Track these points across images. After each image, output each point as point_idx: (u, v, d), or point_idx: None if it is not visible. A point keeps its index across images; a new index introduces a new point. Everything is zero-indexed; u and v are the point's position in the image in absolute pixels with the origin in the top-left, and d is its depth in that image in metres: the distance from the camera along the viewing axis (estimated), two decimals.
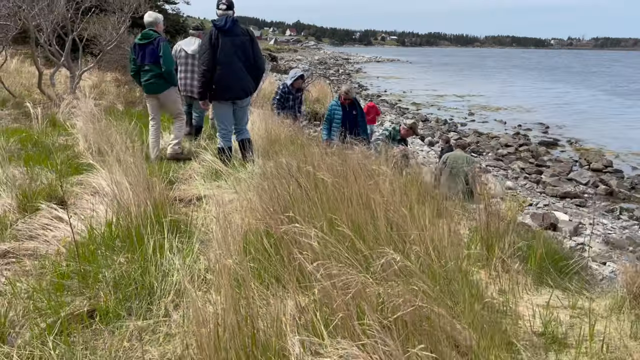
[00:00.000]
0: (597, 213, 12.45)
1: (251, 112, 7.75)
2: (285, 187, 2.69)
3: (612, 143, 21.05)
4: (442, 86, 45.75)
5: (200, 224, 3.93)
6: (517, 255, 2.66)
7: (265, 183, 2.92)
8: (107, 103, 11.12)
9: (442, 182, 7.10)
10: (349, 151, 3.55)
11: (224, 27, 5.31)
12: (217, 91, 5.39)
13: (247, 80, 5.49)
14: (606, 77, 63.28)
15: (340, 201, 2.38)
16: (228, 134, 5.60)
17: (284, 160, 3.42)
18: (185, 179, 5.41)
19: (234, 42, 5.33)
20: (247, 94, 5.58)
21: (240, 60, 5.38)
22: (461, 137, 21.91)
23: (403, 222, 2.24)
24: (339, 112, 7.82)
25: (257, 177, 4.56)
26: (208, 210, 3.92)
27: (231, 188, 4.59)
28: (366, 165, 2.61)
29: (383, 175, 2.84)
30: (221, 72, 5.29)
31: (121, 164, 4.11)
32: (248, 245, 2.43)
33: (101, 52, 11.77)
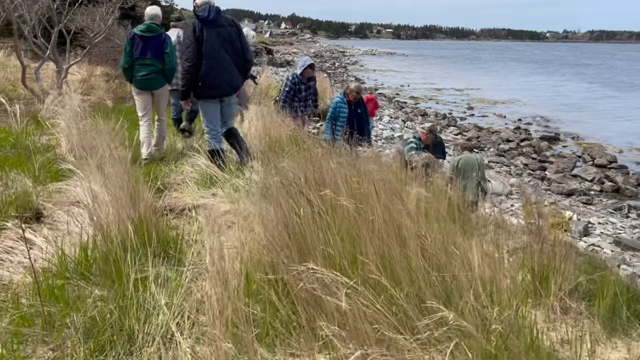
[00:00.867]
0: (604, 211, 12.09)
1: (247, 110, 7.28)
2: (292, 206, 2.24)
3: (613, 138, 20.70)
4: (439, 79, 45.30)
5: (193, 239, 3.45)
6: (577, 292, 2.22)
7: (269, 206, 2.46)
8: (96, 99, 10.60)
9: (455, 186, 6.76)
10: (360, 156, 3.12)
11: (208, 17, 4.85)
12: (204, 89, 4.94)
13: (236, 75, 5.08)
14: (602, 70, 62.99)
15: (361, 226, 1.94)
16: (218, 135, 5.16)
17: (288, 168, 2.95)
18: (177, 184, 4.95)
19: (220, 33, 4.90)
20: (235, 90, 5.19)
21: (228, 53, 4.94)
22: (462, 132, 21.53)
23: (444, 257, 1.81)
24: (345, 110, 7.34)
25: (255, 185, 4.10)
26: (201, 226, 3.45)
27: (227, 197, 4.12)
28: (387, 178, 2.18)
29: (407, 189, 2.41)
30: (208, 68, 4.85)
31: (103, 171, 3.64)
32: (250, 284, 1.98)
33: (88, 45, 11.22)
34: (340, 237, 1.99)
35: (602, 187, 13.93)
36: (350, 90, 7.50)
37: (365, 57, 79.50)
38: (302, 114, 7.99)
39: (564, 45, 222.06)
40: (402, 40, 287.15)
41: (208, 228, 2.47)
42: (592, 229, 10.55)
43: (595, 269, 2.47)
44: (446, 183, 3.23)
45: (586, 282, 2.26)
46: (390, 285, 1.58)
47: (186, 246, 3.36)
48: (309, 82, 8.02)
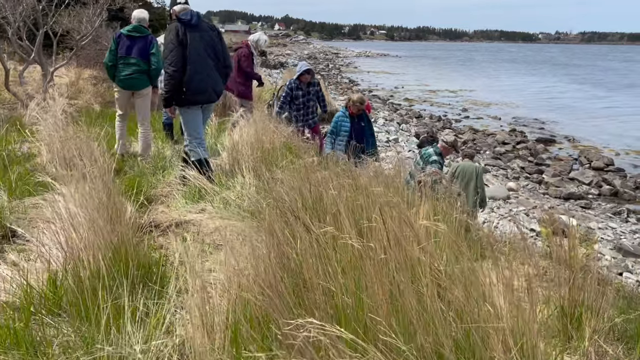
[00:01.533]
0: (604, 216, 11.92)
1: (251, 113, 6.97)
2: (287, 237, 1.97)
3: (609, 140, 20.61)
4: (433, 81, 45.21)
5: (178, 262, 3.17)
6: (612, 332, 1.97)
7: (262, 232, 2.18)
8: (83, 102, 10.29)
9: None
10: (362, 173, 2.86)
11: (191, 21, 4.72)
12: (189, 94, 4.71)
13: (218, 80, 4.93)
14: (594, 71, 63.22)
15: (366, 259, 1.67)
16: (203, 143, 4.94)
17: (283, 189, 2.68)
18: (164, 196, 4.66)
19: (203, 37, 4.77)
20: (218, 97, 5.07)
21: (211, 58, 4.81)
22: (457, 135, 21.35)
23: (462, 294, 1.55)
24: (347, 124, 6.95)
25: (248, 199, 3.82)
26: (188, 246, 3.17)
27: (217, 212, 3.84)
28: (394, 201, 1.91)
29: (415, 210, 2.17)
30: (193, 72, 4.66)
31: (84, 184, 3.35)
32: (237, 334, 1.70)
33: (75, 47, 10.90)
34: (342, 269, 1.73)
35: (600, 191, 13.78)
36: (352, 102, 7.08)
37: (359, 58, 79.40)
38: (303, 122, 7.65)
39: (556, 47, 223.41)
40: (395, 41, 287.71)
41: (193, 255, 2.19)
42: (592, 235, 10.36)
43: (629, 301, 2.22)
44: (455, 200, 3.00)
45: (622, 322, 2.02)
46: (403, 335, 1.33)
47: (171, 269, 3.08)
48: (308, 87, 7.69)
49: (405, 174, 4.93)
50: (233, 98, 8.57)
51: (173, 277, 2.88)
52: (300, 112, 7.61)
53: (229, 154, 5.35)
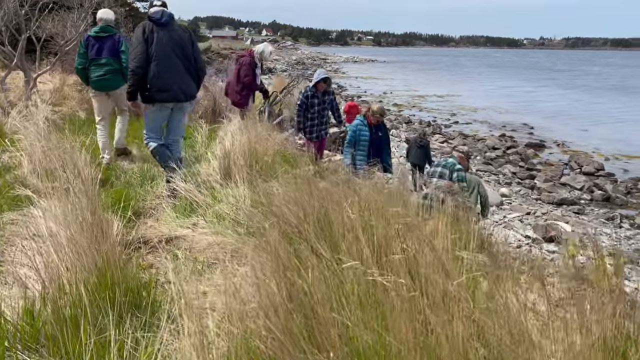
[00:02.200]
0: (597, 222, 11.86)
1: (230, 120, 6.74)
2: (294, 262, 1.76)
3: (598, 144, 20.71)
4: (421, 86, 45.34)
5: (169, 284, 2.93)
6: None
7: (261, 251, 1.95)
8: (68, 110, 9.97)
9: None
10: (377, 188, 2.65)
11: (160, 19, 4.73)
12: (153, 91, 4.70)
13: (188, 81, 4.87)
14: (578, 76, 63.95)
15: (394, 296, 1.46)
16: (157, 138, 4.95)
17: (282, 199, 2.46)
18: (152, 209, 4.41)
19: (171, 37, 4.76)
20: (187, 98, 4.93)
21: (179, 57, 4.79)
22: (447, 140, 21.29)
23: (495, 327, 1.36)
24: (366, 134, 6.68)
25: (243, 212, 3.60)
26: (180, 265, 2.95)
27: (210, 227, 3.61)
28: (414, 223, 1.71)
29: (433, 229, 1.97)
30: (158, 69, 4.66)
31: (67, 199, 3.12)
32: None
33: (59, 52, 10.59)
34: (360, 301, 1.52)
35: (592, 196, 13.75)
36: (372, 112, 6.84)
37: (347, 64, 79.54)
38: (316, 132, 7.36)
39: (540, 52, 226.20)
40: (382, 47, 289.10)
41: (187, 280, 1.97)
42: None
43: None
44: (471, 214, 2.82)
45: None
46: None
47: (162, 292, 2.85)
48: (323, 96, 7.42)
49: (408, 183, 4.72)
50: (229, 105, 8.37)
51: (164, 301, 2.65)
52: (314, 122, 7.33)
53: (221, 163, 5.12)
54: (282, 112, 12.21)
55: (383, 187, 3.09)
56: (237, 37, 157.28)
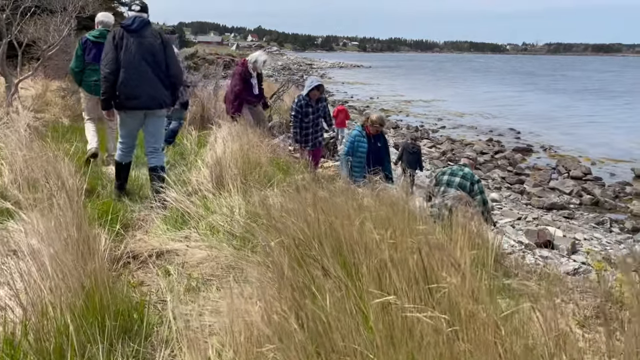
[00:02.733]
0: (588, 226, 11.86)
1: (219, 127, 6.56)
2: (303, 284, 1.59)
3: (584, 148, 20.89)
4: (407, 91, 45.56)
5: (161, 302, 2.77)
6: None
7: (263, 268, 1.77)
8: (51, 116, 9.69)
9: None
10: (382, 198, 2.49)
11: (131, 26, 4.69)
12: (122, 99, 4.70)
13: (158, 88, 4.78)
14: (561, 80, 64.83)
15: (433, 335, 1.30)
16: (129, 149, 4.96)
17: (286, 217, 2.29)
18: (142, 221, 4.20)
19: (142, 43, 4.71)
20: (159, 105, 4.83)
21: (150, 65, 4.72)
22: (435, 145, 21.30)
23: None
24: (364, 145, 6.44)
25: (238, 224, 3.42)
26: (172, 282, 2.76)
27: (204, 240, 3.42)
28: (437, 240, 1.56)
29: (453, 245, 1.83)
30: (126, 77, 4.65)
31: (50, 213, 2.92)
32: None
33: (41, 57, 10.30)
34: (389, 336, 1.34)
35: (582, 200, 13.79)
36: (372, 122, 6.57)
37: (333, 69, 79.69)
38: (311, 141, 7.16)
39: (523, 57, 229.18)
40: (367, 52, 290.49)
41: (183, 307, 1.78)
42: (579, 246, 10.24)
43: None
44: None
45: None
46: None
47: (154, 312, 2.66)
48: (317, 104, 7.23)
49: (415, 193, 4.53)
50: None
51: (158, 323, 2.46)
52: (309, 131, 7.12)
53: (212, 171, 4.93)
54: (272, 117, 12.04)
55: (388, 198, 2.94)
56: (222, 42, 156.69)
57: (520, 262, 3.28)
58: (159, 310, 2.72)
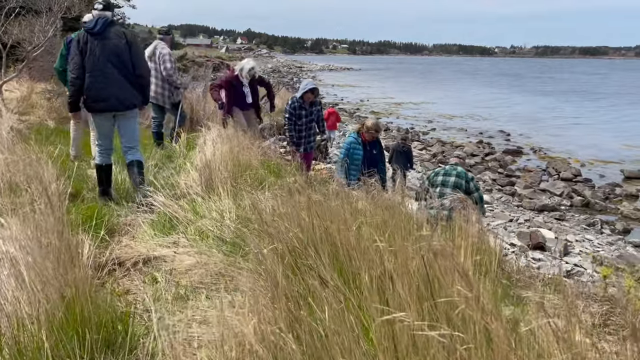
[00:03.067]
0: (579, 228, 11.87)
1: (209, 129, 6.42)
2: (297, 294, 1.47)
3: (573, 150, 20.99)
4: (397, 93, 45.66)
5: (148, 312, 2.64)
6: None
7: (256, 284, 1.65)
8: (36, 119, 9.49)
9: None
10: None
11: (93, 29, 4.69)
12: (89, 102, 4.78)
13: (125, 89, 4.81)
14: (549, 82, 65.41)
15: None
16: (107, 150, 4.98)
17: (279, 222, 2.18)
18: (128, 226, 4.06)
19: (106, 45, 4.72)
20: (126, 107, 4.85)
21: (115, 66, 4.74)
22: (426, 147, 21.28)
23: None
24: (359, 152, 6.33)
25: (228, 229, 3.29)
26: (160, 291, 2.63)
27: (192, 245, 3.29)
28: (446, 249, 1.46)
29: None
30: (92, 80, 4.70)
31: (31, 217, 2.78)
32: None
33: (26, 59, 10.09)
34: (387, 347, 1.25)
35: (572, 202, 13.82)
36: (367, 128, 6.47)
37: (323, 72, 79.73)
38: (304, 144, 7.06)
39: (512, 60, 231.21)
40: (357, 55, 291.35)
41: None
42: (571, 248, 10.22)
43: None
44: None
45: None
46: None
47: (140, 322, 2.53)
48: (310, 107, 7.12)
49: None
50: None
51: (144, 335, 2.33)
52: (301, 134, 7.01)
53: (202, 174, 4.80)
54: (263, 120, 11.91)
55: (384, 201, 2.84)
56: (211, 45, 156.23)
57: (522, 267, 3.20)
58: (146, 320, 2.59)
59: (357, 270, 1.62)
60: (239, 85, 7.51)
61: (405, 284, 1.33)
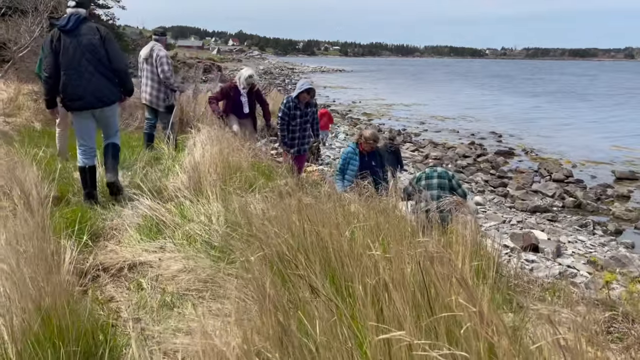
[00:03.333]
0: (571, 229, 11.86)
1: (199, 130, 6.31)
2: (286, 304, 1.38)
3: (564, 151, 21.06)
4: (389, 95, 45.69)
5: (133, 320, 2.54)
6: None
7: (244, 292, 1.56)
8: (23, 120, 9.31)
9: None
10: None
11: (66, 26, 4.62)
12: (66, 101, 4.74)
13: (102, 86, 4.74)
14: (540, 84, 65.84)
15: None
16: (89, 150, 4.89)
17: (268, 225, 2.08)
18: (114, 230, 3.94)
19: (80, 42, 4.65)
20: (104, 104, 4.79)
21: (91, 63, 4.67)
22: (418, 149, 21.25)
23: None
24: (355, 162, 6.18)
25: (216, 233, 3.19)
26: (145, 298, 2.53)
27: (179, 250, 3.19)
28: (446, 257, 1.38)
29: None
30: (67, 79, 4.64)
31: (12, 222, 2.67)
32: None
33: (12, 59, 9.92)
34: None
35: (564, 203, 13.82)
36: (365, 138, 6.27)
37: (315, 74, 79.64)
38: (297, 146, 6.95)
39: (502, 62, 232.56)
40: (349, 57, 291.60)
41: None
42: (564, 249, 10.20)
43: None
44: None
45: None
46: None
47: (123, 330, 2.42)
48: (306, 108, 7.00)
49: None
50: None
51: (127, 344, 2.23)
52: (295, 135, 6.89)
53: (190, 176, 4.69)
54: (257, 131, 11.80)
55: (378, 204, 2.75)
56: (203, 46, 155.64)
57: (519, 271, 3.13)
58: (130, 329, 2.48)
59: (350, 278, 1.53)
60: (237, 94, 7.48)
61: (401, 294, 1.24)
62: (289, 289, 1.54)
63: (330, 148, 18.72)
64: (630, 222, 12.41)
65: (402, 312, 1.20)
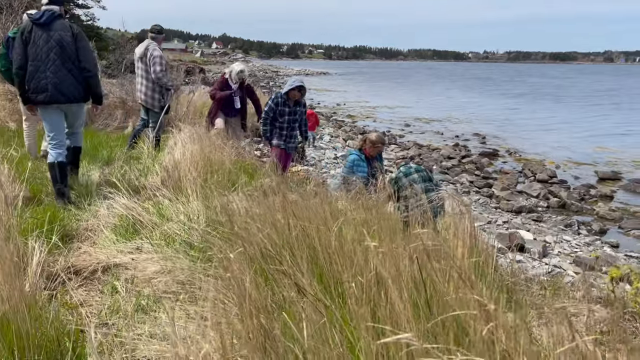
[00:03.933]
0: (556, 229, 11.88)
1: (180, 130, 6.12)
2: (277, 305, 1.24)
3: (547, 152, 21.20)
4: (372, 97, 45.76)
5: (105, 325, 2.36)
6: None
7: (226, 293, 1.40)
8: None
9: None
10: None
11: (39, 19, 4.60)
12: (30, 93, 4.67)
13: (69, 82, 4.67)
14: (521, 86, 66.63)
15: None
16: (58, 144, 4.75)
17: (251, 223, 1.93)
18: (89, 231, 3.74)
19: (51, 36, 4.62)
20: (68, 100, 4.71)
21: (59, 57, 4.63)
22: (403, 150, 21.23)
23: None
24: (364, 167, 5.97)
25: (196, 232, 3.02)
26: (119, 301, 2.35)
27: (157, 251, 3.01)
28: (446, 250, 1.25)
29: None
30: (33, 70, 4.60)
31: None
32: None
33: None
34: None
35: (549, 203, 13.86)
36: (372, 142, 6.08)
37: (299, 77, 79.46)
38: (284, 144, 6.80)
39: (485, 65, 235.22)
40: (333, 60, 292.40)
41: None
42: (550, 249, 10.20)
43: None
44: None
45: None
46: None
47: (94, 337, 2.23)
48: (295, 106, 6.85)
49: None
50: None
51: (95, 353, 2.05)
52: (282, 133, 6.74)
53: (170, 175, 4.51)
54: (247, 129, 11.63)
55: (366, 201, 2.62)
56: (186, 49, 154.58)
57: (516, 269, 3.02)
58: (103, 335, 2.30)
59: (340, 275, 1.39)
60: (228, 89, 7.45)
61: (399, 291, 1.11)
62: (273, 288, 1.40)
63: (316, 149, 18.56)
64: (614, 221, 12.48)
65: (401, 311, 1.06)
